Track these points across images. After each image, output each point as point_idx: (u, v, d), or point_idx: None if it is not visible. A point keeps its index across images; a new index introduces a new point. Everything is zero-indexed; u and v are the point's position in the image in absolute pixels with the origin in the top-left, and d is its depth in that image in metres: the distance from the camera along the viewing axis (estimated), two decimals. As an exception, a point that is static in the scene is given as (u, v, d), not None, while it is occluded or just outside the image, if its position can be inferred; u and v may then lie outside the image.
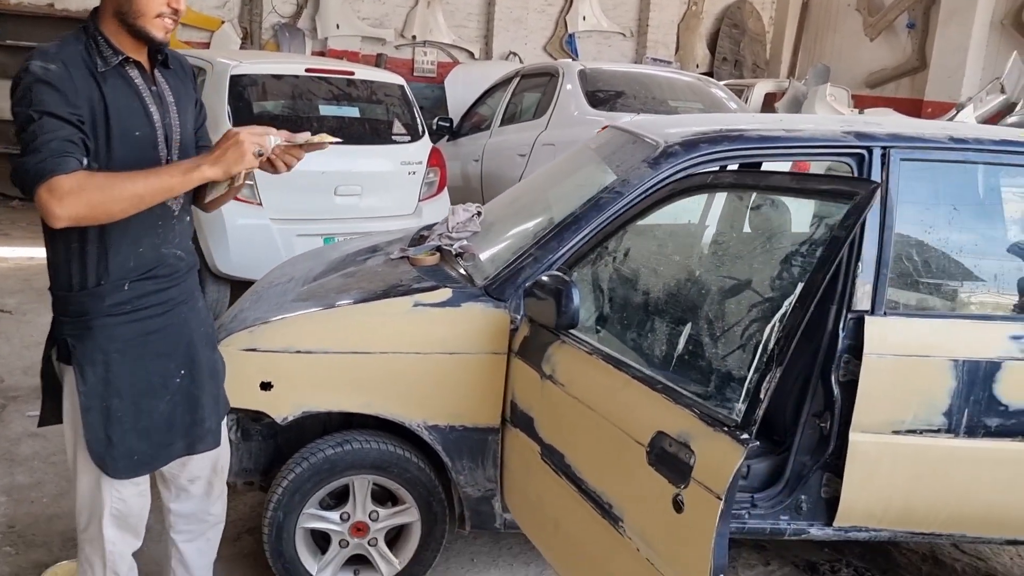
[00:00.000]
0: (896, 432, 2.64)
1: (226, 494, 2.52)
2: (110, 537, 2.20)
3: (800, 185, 2.28)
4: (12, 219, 9.20)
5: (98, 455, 2.07)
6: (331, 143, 2.03)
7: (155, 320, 2.09)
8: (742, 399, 1.82)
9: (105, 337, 2.03)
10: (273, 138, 1.96)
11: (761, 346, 1.82)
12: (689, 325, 2.37)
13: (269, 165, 2.01)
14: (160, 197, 1.94)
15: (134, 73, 2.03)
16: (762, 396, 1.74)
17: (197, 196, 2.19)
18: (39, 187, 1.81)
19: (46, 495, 3.43)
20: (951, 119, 8.31)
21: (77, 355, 2.02)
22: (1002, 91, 8.54)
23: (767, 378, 1.75)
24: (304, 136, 2.02)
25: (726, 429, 1.80)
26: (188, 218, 2.19)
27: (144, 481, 2.21)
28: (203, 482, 2.40)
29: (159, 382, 2.12)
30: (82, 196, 1.83)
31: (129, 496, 2.17)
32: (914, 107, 11.25)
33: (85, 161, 1.88)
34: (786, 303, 1.82)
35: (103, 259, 2.00)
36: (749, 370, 1.84)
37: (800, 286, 1.82)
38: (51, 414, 2.21)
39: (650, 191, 2.66)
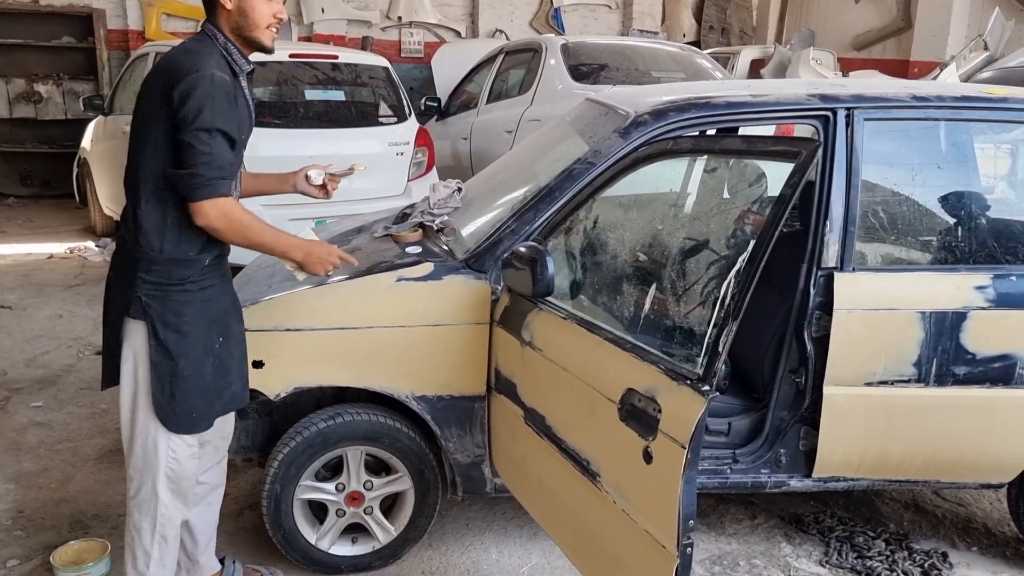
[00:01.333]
0: (868, 384, 2.74)
1: (226, 460, 2.68)
2: (164, 499, 2.36)
3: (750, 147, 2.36)
4: (8, 216, 9.27)
5: (160, 408, 2.26)
6: (360, 169, 2.63)
7: (211, 291, 2.34)
8: (703, 353, 1.92)
9: (180, 301, 2.26)
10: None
11: (718, 302, 1.91)
12: (655, 287, 2.46)
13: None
14: (265, 251, 2.40)
15: (246, 83, 2.27)
16: (720, 349, 1.84)
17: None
18: (207, 200, 2.15)
19: (53, 481, 3.54)
20: (934, 78, 8.33)
21: (152, 313, 2.22)
22: (985, 48, 8.57)
23: (724, 331, 1.85)
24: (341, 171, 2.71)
25: (689, 382, 1.89)
26: None
27: (195, 443, 2.39)
28: (211, 447, 2.55)
29: (209, 346, 2.32)
30: (231, 221, 2.19)
31: (183, 457, 2.35)
32: (901, 68, 11.25)
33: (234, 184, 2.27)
34: (740, 259, 1.91)
35: (195, 234, 2.25)
36: (708, 325, 1.93)
37: (751, 243, 1.91)
38: (112, 375, 2.37)
39: (621, 160, 2.74)
